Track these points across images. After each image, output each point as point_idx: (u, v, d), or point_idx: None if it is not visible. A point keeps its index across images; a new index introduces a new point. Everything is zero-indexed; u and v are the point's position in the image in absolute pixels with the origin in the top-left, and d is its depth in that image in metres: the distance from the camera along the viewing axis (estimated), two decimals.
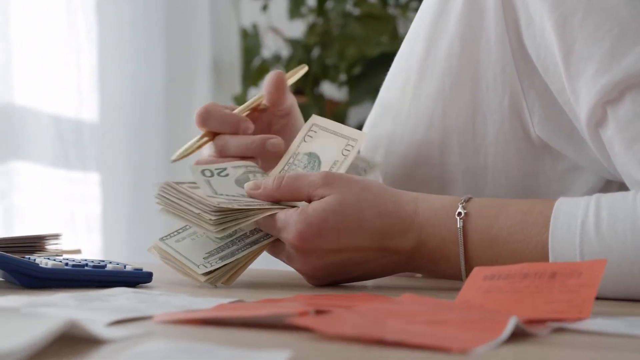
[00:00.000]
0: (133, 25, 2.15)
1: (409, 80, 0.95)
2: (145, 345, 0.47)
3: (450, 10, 0.91)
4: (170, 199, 0.86)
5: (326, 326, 0.52)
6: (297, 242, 0.81)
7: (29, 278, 0.80)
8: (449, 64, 0.91)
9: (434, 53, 0.92)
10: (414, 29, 0.96)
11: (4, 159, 1.82)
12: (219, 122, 0.96)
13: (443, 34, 0.91)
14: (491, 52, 0.88)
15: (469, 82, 0.90)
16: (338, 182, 0.83)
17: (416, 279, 1.00)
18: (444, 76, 0.91)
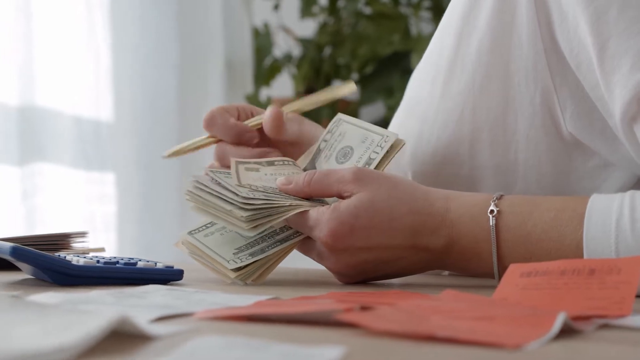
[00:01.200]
0: (145, 25, 2.15)
1: (438, 77, 0.94)
2: (198, 341, 0.47)
3: (481, 7, 0.90)
4: (200, 196, 0.85)
5: (373, 322, 0.52)
6: (329, 240, 0.81)
7: (61, 275, 0.80)
8: (479, 60, 0.90)
9: (464, 49, 0.92)
10: (444, 25, 0.96)
11: (26, 160, 1.83)
12: (222, 129, 0.99)
13: (473, 30, 0.91)
14: (522, 48, 0.88)
15: (500, 79, 0.90)
16: (368, 178, 0.82)
17: (443, 277, 1.00)
18: (474, 72, 0.91)
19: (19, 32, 1.82)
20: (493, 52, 0.90)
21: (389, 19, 2.37)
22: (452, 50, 0.93)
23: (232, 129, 0.98)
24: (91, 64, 2.00)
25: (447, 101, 0.93)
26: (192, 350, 0.45)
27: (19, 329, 0.46)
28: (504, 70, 0.89)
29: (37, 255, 0.80)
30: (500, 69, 0.89)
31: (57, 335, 0.44)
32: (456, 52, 0.93)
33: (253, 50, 2.41)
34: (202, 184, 0.86)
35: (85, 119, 1.99)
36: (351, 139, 0.93)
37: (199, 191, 0.86)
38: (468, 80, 0.91)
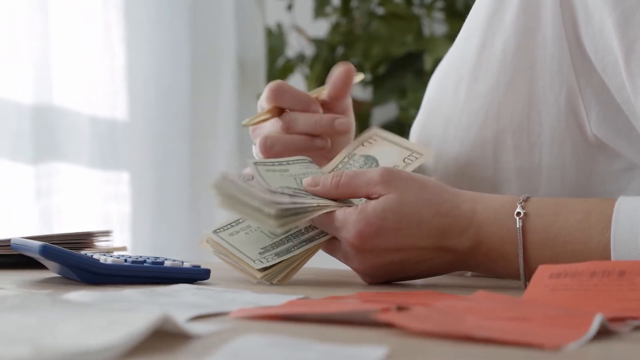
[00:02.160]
0: (160, 25, 2.15)
1: (462, 79, 0.95)
2: (241, 340, 0.47)
3: (505, 8, 0.91)
4: (228, 192, 0.85)
5: (411, 323, 0.53)
6: (356, 241, 0.81)
7: (89, 274, 0.80)
8: (504, 62, 0.90)
9: (488, 51, 0.92)
10: (467, 27, 0.96)
11: (43, 159, 1.83)
12: (292, 98, 0.98)
13: (498, 31, 0.91)
14: (547, 49, 0.88)
15: (525, 80, 0.90)
16: (396, 179, 0.83)
17: (466, 278, 1.00)
18: (499, 74, 0.91)
19: (35, 31, 1.83)
20: (518, 54, 0.90)
21: (401, 20, 2.37)
22: (476, 51, 0.93)
23: (302, 97, 0.98)
24: (106, 63, 2.01)
25: (471, 103, 0.93)
26: (236, 349, 0.45)
27: (61, 327, 0.46)
28: (528, 72, 0.89)
29: (66, 253, 0.80)
30: (525, 70, 0.90)
31: (102, 333, 0.45)
32: (480, 54, 0.93)
33: (266, 50, 2.41)
34: (230, 180, 0.85)
35: (101, 118, 2.00)
36: (381, 149, 0.93)
37: (226, 187, 0.85)
38: (492, 82, 0.91)
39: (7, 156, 1.78)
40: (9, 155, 1.78)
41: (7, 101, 1.78)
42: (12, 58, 1.79)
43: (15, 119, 1.79)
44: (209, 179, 0.87)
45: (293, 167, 0.92)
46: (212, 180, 0.86)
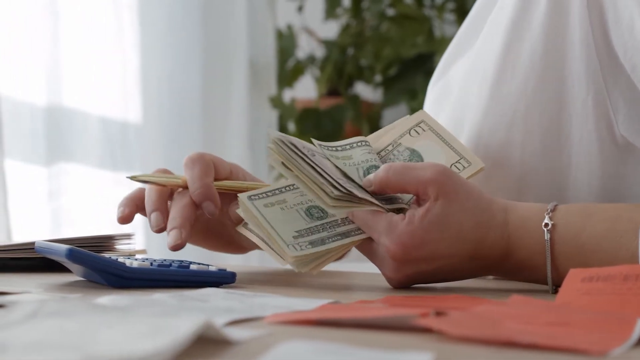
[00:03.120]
0: (171, 27, 2.15)
1: (485, 82, 0.94)
2: (287, 346, 0.47)
3: (533, 10, 0.90)
4: (291, 155, 0.82)
5: (452, 328, 0.52)
6: (398, 252, 0.80)
7: (115, 277, 0.80)
8: (532, 63, 0.90)
9: (514, 53, 0.91)
10: (491, 28, 0.96)
11: (53, 160, 1.83)
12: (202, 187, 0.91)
13: (525, 33, 0.91)
14: (575, 50, 0.87)
15: (554, 82, 0.89)
16: (448, 184, 0.81)
17: (487, 280, 0.99)
18: (526, 76, 0.90)
19: (47, 33, 1.83)
20: (547, 55, 0.89)
21: (412, 21, 2.37)
22: (501, 54, 0.93)
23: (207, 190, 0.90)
24: (118, 65, 2.00)
25: (496, 105, 0.93)
26: (282, 355, 0.45)
27: (104, 333, 0.46)
28: (557, 73, 0.89)
29: (92, 257, 0.80)
30: (554, 72, 0.89)
31: (146, 340, 0.45)
32: (505, 56, 0.92)
33: (276, 52, 2.41)
34: (296, 147, 0.83)
35: (113, 120, 1.99)
36: (428, 144, 0.91)
37: (289, 151, 0.82)
38: (520, 83, 0.91)
39: (20, 157, 1.77)
40: (23, 156, 1.78)
41: (21, 103, 1.78)
42: (25, 60, 1.78)
43: (28, 121, 1.78)
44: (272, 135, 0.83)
45: (355, 152, 0.88)
46: (275, 136, 0.82)
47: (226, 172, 0.94)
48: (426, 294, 0.81)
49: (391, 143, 0.92)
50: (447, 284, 0.90)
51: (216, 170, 0.93)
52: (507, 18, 0.93)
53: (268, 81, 2.38)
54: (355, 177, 0.85)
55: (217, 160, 0.93)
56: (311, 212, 0.85)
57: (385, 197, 0.85)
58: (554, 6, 0.89)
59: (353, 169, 0.86)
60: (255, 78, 2.36)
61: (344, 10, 2.46)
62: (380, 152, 0.91)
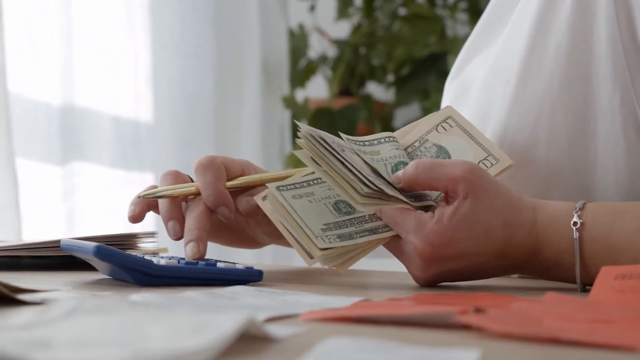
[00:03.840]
0: (184, 27, 2.15)
1: (510, 79, 0.94)
2: (330, 343, 0.46)
3: (557, 8, 0.90)
4: (320, 150, 0.81)
5: (494, 325, 0.52)
6: (426, 251, 0.80)
7: (142, 275, 0.80)
8: (557, 62, 0.90)
9: (539, 51, 0.91)
10: (515, 26, 0.95)
11: (66, 160, 1.83)
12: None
13: (550, 32, 0.90)
14: (602, 49, 0.87)
15: (580, 80, 0.89)
16: (477, 182, 0.80)
17: (511, 279, 0.99)
18: (552, 74, 0.90)
19: (60, 33, 1.82)
20: (572, 54, 0.89)
21: (425, 21, 2.36)
22: (526, 52, 0.92)
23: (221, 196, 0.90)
24: (130, 65, 2.00)
25: (521, 104, 0.92)
26: (327, 352, 0.45)
27: (149, 330, 0.45)
28: (583, 71, 0.89)
29: (120, 255, 0.79)
30: (579, 70, 0.89)
31: (191, 337, 0.44)
32: (530, 54, 0.92)
33: (289, 52, 2.41)
34: (325, 142, 0.82)
35: (125, 119, 1.99)
36: (455, 141, 0.90)
37: (318, 146, 0.82)
38: (545, 82, 0.90)
39: (35, 157, 1.77)
40: (37, 156, 1.78)
41: (35, 102, 1.78)
42: (39, 60, 1.78)
43: (43, 121, 1.78)
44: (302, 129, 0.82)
45: (383, 147, 0.88)
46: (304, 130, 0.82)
47: (238, 172, 0.94)
48: (452, 292, 0.81)
49: (418, 139, 0.91)
50: (471, 282, 0.90)
51: (228, 172, 0.92)
52: (531, 16, 0.92)
53: (280, 81, 2.38)
54: (384, 173, 0.85)
55: (228, 162, 0.93)
56: (339, 207, 0.84)
57: (413, 194, 0.84)
58: (580, 4, 0.89)
59: (381, 165, 0.86)
60: (267, 78, 2.36)
61: (356, 10, 2.46)
62: (407, 148, 0.91)
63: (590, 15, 0.88)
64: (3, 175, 1.55)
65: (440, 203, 0.83)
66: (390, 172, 0.85)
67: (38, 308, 0.58)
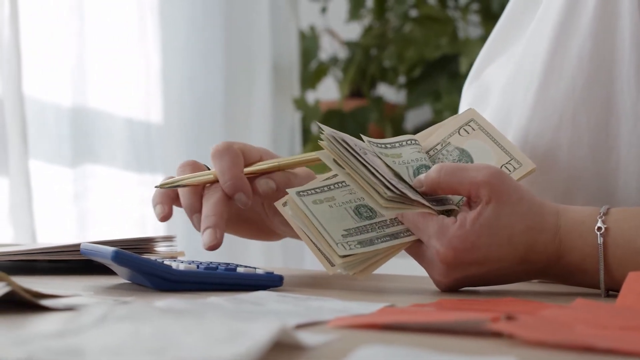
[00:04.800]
0: (194, 29, 2.15)
1: (532, 82, 0.93)
2: (365, 351, 0.46)
3: (581, 11, 0.89)
4: (343, 153, 0.81)
5: (527, 333, 0.51)
6: (449, 254, 0.79)
7: (161, 280, 0.79)
8: (580, 66, 0.89)
9: (561, 53, 0.90)
10: (537, 30, 0.95)
11: (78, 161, 1.82)
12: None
13: (573, 35, 0.90)
14: (625, 51, 0.86)
15: (603, 84, 0.88)
16: (501, 187, 0.80)
17: (530, 284, 0.98)
18: (574, 78, 0.89)
19: (72, 35, 1.82)
20: (595, 58, 0.88)
21: (436, 22, 2.35)
22: (547, 56, 0.91)
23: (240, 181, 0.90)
24: (141, 67, 2.00)
25: (543, 108, 0.92)
26: None
27: (184, 338, 0.45)
28: (606, 75, 0.88)
29: (138, 260, 0.79)
30: (602, 74, 0.88)
31: (227, 345, 0.44)
32: (552, 57, 0.91)
33: (299, 54, 2.40)
34: (348, 145, 0.81)
35: (136, 121, 1.99)
36: (477, 144, 0.89)
37: (341, 148, 0.81)
38: (567, 86, 0.90)
39: (46, 159, 1.77)
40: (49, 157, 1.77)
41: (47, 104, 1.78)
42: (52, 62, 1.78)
43: (54, 122, 1.78)
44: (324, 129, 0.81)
45: (405, 150, 0.87)
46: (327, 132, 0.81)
47: (256, 158, 0.93)
48: (474, 297, 0.80)
49: (440, 142, 0.91)
50: (491, 287, 0.89)
51: (245, 158, 0.91)
52: (554, 19, 0.92)
53: (291, 83, 2.37)
54: (405, 177, 0.84)
55: (246, 148, 0.92)
56: (360, 211, 0.83)
57: (435, 198, 0.83)
58: (603, 7, 0.88)
59: (403, 168, 0.85)
60: (278, 80, 2.35)
61: (367, 11, 2.45)
62: (429, 151, 0.90)
63: (614, 17, 0.87)
64: (17, 177, 1.54)
65: (463, 207, 0.82)
66: (412, 175, 0.85)
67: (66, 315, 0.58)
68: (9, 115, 1.54)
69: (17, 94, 1.56)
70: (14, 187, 1.54)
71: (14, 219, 1.54)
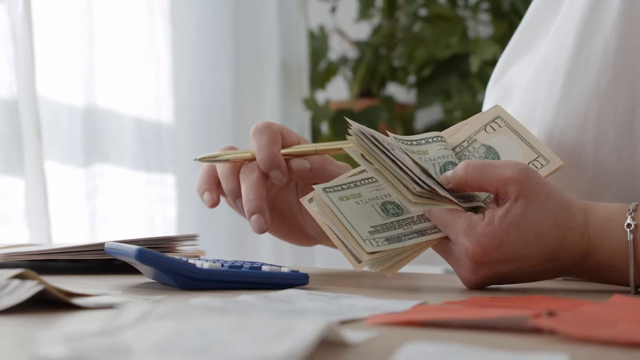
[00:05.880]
0: (203, 29, 2.14)
1: (557, 79, 0.92)
2: (413, 348, 0.45)
3: (605, 7, 0.89)
4: (372, 148, 0.80)
5: (573, 329, 0.51)
6: (478, 252, 0.79)
7: (186, 279, 0.79)
8: (605, 62, 0.88)
9: (586, 50, 0.90)
10: (561, 28, 0.94)
11: (89, 161, 1.82)
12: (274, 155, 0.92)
13: (597, 32, 0.89)
14: None
15: (628, 80, 0.88)
16: (529, 183, 0.79)
17: (556, 281, 0.98)
18: (599, 74, 0.89)
19: (83, 36, 1.82)
20: (620, 54, 0.88)
21: (446, 21, 2.35)
22: (572, 52, 0.91)
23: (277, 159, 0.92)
24: (152, 67, 2.00)
25: (568, 105, 0.91)
26: (412, 357, 0.44)
27: (232, 336, 0.44)
28: (631, 71, 0.87)
29: (163, 258, 0.78)
30: (628, 70, 0.88)
31: (276, 342, 0.43)
32: (577, 54, 0.91)
33: (309, 54, 2.40)
34: (377, 140, 0.81)
35: (146, 121, 1.98)
36: (504, 141, 0.89)
37: (370, 143, 0.81)
38: (592, 82, 0.89)
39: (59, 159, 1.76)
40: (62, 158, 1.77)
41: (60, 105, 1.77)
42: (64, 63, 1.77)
43: (67, 123, 1.77)
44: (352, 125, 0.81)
45: (431, 147, 0.87)
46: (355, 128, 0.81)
47: (294, 141, 0.95)
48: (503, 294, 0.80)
49: (466, 139, 0.90)
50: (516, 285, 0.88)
51: (284, 140, 0.93)
52: (578, 16, 0.91)
53: (300, 83, 2.36)
54: (432, 173, 0.84)
55: (285, 130, 0.94)
56: (387, 208, 0.83)
57: (461, 195, 0.83)
58: (628, 5, 0.87)
59: (429, 165, 0.85)
60: (287, 79, 2.35)
61: (377, 11, 2.44)
62: (455, 148, 0.89)
63: (639, 15, 0.87)
64: (32, 178, 1.54)
65: (491, 205, 0.81)
66: (438, 172, 0.84)
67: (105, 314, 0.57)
68: (24, 116, 1.53)
69: (31, 95, 1.56)
70: (29, 188, 1.54)
71: (29, 220, 1.53)
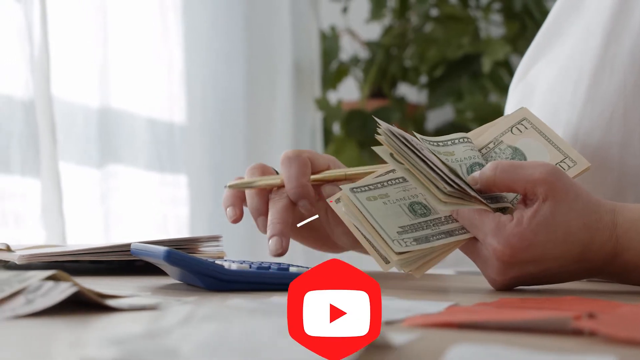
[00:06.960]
0: (215, 29, 2.14)
1: (582, 80, 0.92)
2: (460, 350, 0.45)
3: (633, 7, 0.89)
4: (402, 148, 0.80)
5: (617, 331, 0.50)
6: (506, 252, 0.78)
7: (213, 280, 0.78)
8: (632, 62, 0.88)
9: (613, 50, 0.90)
10: (587, 25, 0.94)
11: (103, 162, 1.82)
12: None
13: (625, 31, 0.89)
14: None
15: None
16: (557, 184, 0.79)
17: (581, 282, 0.97)
18: (625, 74, 0.89)
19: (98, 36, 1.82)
20: None
21: (457, 22, 2.34)
22: (599, 51, 0.91)
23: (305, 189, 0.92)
24: (164, 67, 2.00)
25: (593, 105, 0.91)
26: (461, 359, 0.43)
27: (277, 338, 0.44)
28: None
29: (190, 259, 0.78)
30: None
31: None
32: (604, 54, 0.90)
33: (320, 54, 2.40)
34: (406, 140, 0.80)
35: (159, 121, 1.98)
36: (530, 143, 0.88)
37: (399, 143, 0.80)
38: (619, 82, 0.89)
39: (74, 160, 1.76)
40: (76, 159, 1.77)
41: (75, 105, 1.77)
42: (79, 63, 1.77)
43: (81, 123, 1.77)
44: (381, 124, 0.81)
45: (458, 148, 0.86)
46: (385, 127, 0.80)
47: (323, 167, 0.95)
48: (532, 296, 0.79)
49: (492, 141, 0.90)
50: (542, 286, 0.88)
51: (313, 166, 0.94)
52: (605, 16, 0.91)
53: (312, 83, 2.36)
54: (460, 174, 0.83)
55: (314, 157, 0.94)
56: (414, 208, 0.83)
57: (489, 196, 0.83)
58: None
59: (456, 165, 0.84)
60: (298, 80, 2.35)
61: (388, 11, 2.44)
62: (481, 149, 0.89)
63: None
64: (48, 179, 1.54)
65: (519, 205, 0.81)
66: (465, 173, 0.84)
67: (146, 315, 0.57)
68: (40, 117, 1.53)
69: (47, 96, 1.56)
70: (45, 189, 1.54)
71: (45, 221, 1.53)
